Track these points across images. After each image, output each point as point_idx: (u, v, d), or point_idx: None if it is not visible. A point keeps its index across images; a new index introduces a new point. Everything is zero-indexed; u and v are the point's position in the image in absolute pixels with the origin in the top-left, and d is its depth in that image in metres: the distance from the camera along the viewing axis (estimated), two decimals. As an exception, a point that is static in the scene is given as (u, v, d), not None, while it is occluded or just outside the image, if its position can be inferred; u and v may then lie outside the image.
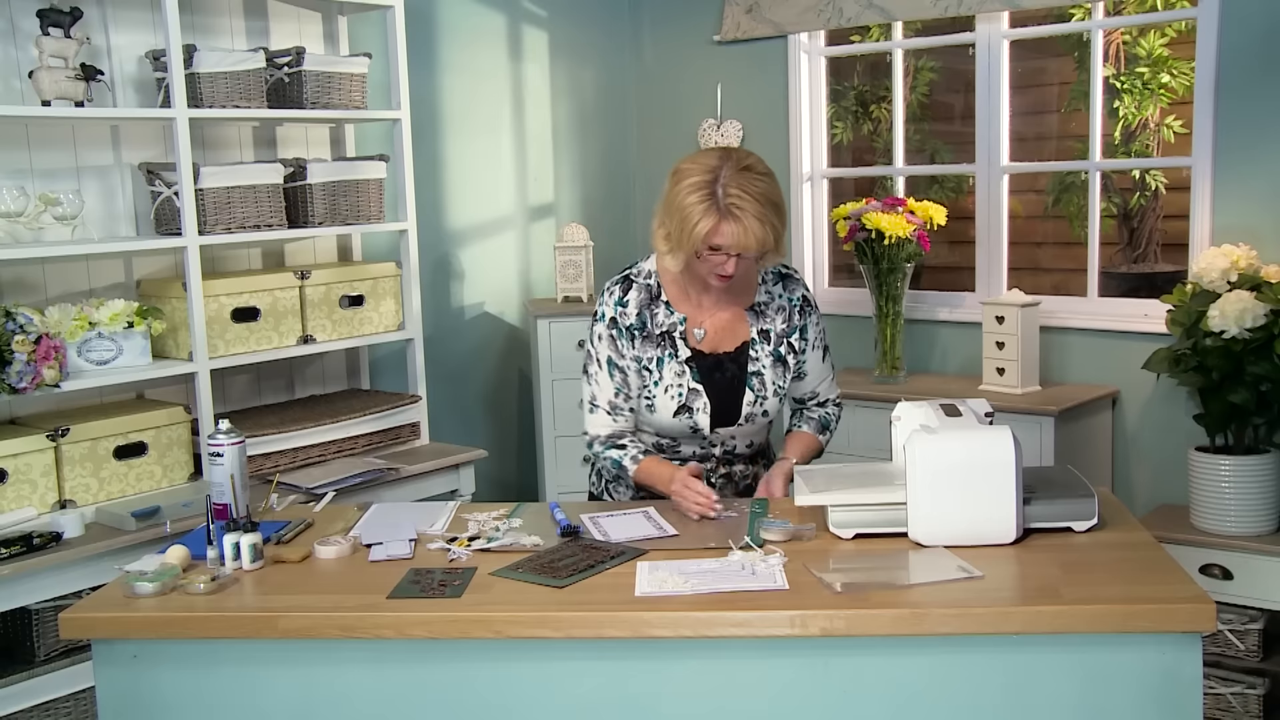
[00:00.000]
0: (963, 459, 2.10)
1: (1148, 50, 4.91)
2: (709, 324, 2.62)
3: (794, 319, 2.64)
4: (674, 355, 2.59)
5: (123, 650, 2.04)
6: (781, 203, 2.46)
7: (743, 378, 2.61)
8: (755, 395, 2.61)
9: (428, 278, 4.24)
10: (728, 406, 2.61)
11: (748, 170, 2.42)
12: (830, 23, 4.39)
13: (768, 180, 2.44)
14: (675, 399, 2.58)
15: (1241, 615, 3.35)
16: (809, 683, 1.92)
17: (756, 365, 2.61)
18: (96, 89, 3.19)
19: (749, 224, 2.38)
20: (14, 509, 2.96)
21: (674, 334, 2.60)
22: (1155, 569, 2.00)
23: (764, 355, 2.62)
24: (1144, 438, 3.90)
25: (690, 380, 2.59)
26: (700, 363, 2.60)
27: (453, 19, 4.37)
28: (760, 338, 2.63)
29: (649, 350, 2.60)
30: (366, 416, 3.64)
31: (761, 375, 2.61)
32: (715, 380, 2.60)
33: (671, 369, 2.59)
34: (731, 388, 2.61)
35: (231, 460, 2.39)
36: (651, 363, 2.60)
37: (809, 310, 2.67)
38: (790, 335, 2.64)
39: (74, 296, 3.30)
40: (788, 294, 2.65)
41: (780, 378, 2.63)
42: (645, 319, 2.60)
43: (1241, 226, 3.58)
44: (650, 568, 2.09)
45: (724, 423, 2.62)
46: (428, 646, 1.98)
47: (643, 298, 2.62)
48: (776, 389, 2.63)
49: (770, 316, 2.63)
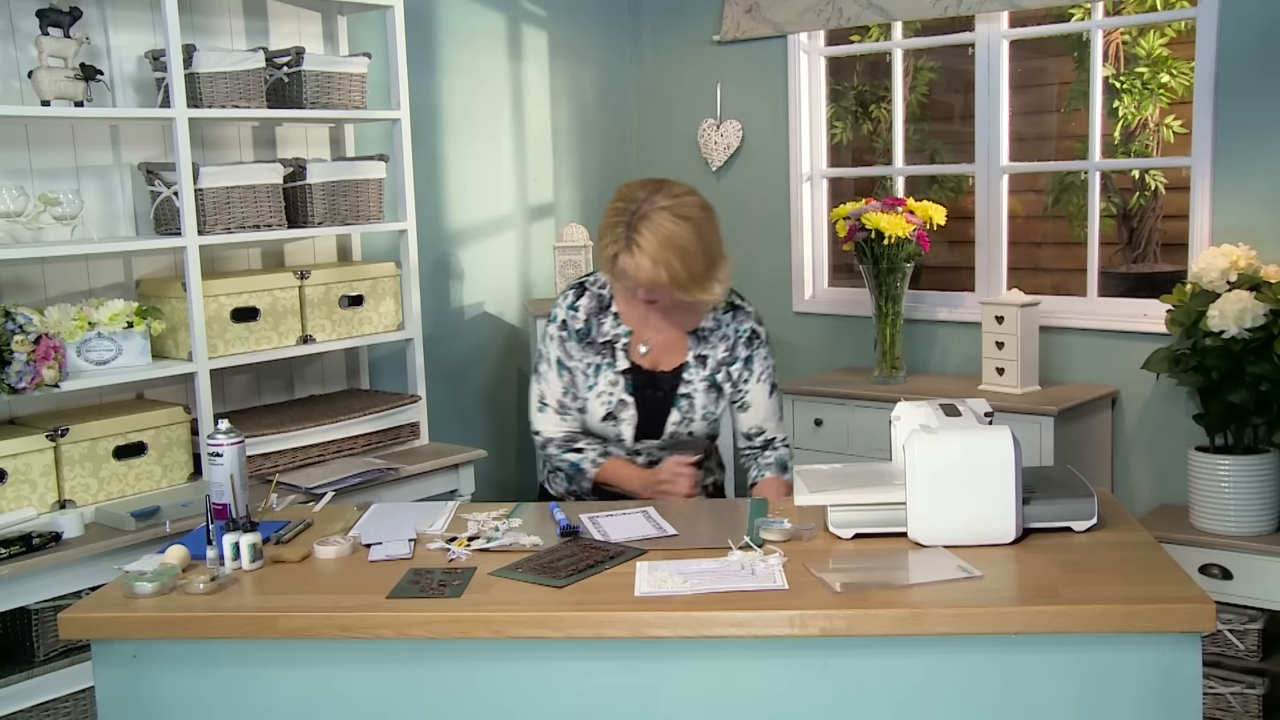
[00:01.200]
0: (962, 459, 2.10)
1: (1147, 50, 4.91)
2: (654, 341, 2.69)
3: (737, 349, 2.69)
4: (612, 365, 2.68)
5: (122, 650, 2.04)
6: (694, 248, 2.46)
7: (672, 397, 2.67)
8: (681, 415, 2.68)
9: (427, 278, 4.24)
10: (654, 422, 2.68)
11: (665, 210, 2.46)
12: (830, 23, 4.39)
13: (684, 225, 2.46)
14: (604, 406, 2.67)
15: (1241, 615, 3.35)
16: (808, 683, 1.92)
17: (688, 388, 2.68)
18: (96, 89, 3.19)
19: (641, 261, 2.45)
20: (13, 509, 2.96)
21: (616, 345, 2.68)
22: (1155, 569, 2.00)
23: (697, 379, 2.68)
24: (1144, 438, 3.90)
25: (621, 392, 2.67)
26: (636, 377, 2.68)
27: (453, 19, 4.37)
28: (696, 362, 2.68)
29: (590, 356, 2.69)
30: (366, 416, 3.64)
31: (691, 399, 2.67)
32: (646, 396, 2.68)
33: (607, 377, 2.67)
34: (660, 405, 2.67)
35: (231, 460, 2.39)
36: (590, 369, 2.68)
37: (757, 343, 2.71)
38: (730, 364, 2.69)
39: (74, 296, 3.30)
40: (735, 324, 2.70)
41: (712, 404, 2.69)
42: (591, 326, 2.70)
43: (1241, 226, 3.58)
44: (649, 567, 2.09)
45: (648, 434, 2.70)
46: (427, 646, 1.98)
47: (592, 305, 2.71)
48: (706, 414, 2.69)
49: (712, 343, 2.69)
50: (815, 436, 4.18)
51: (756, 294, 4.72)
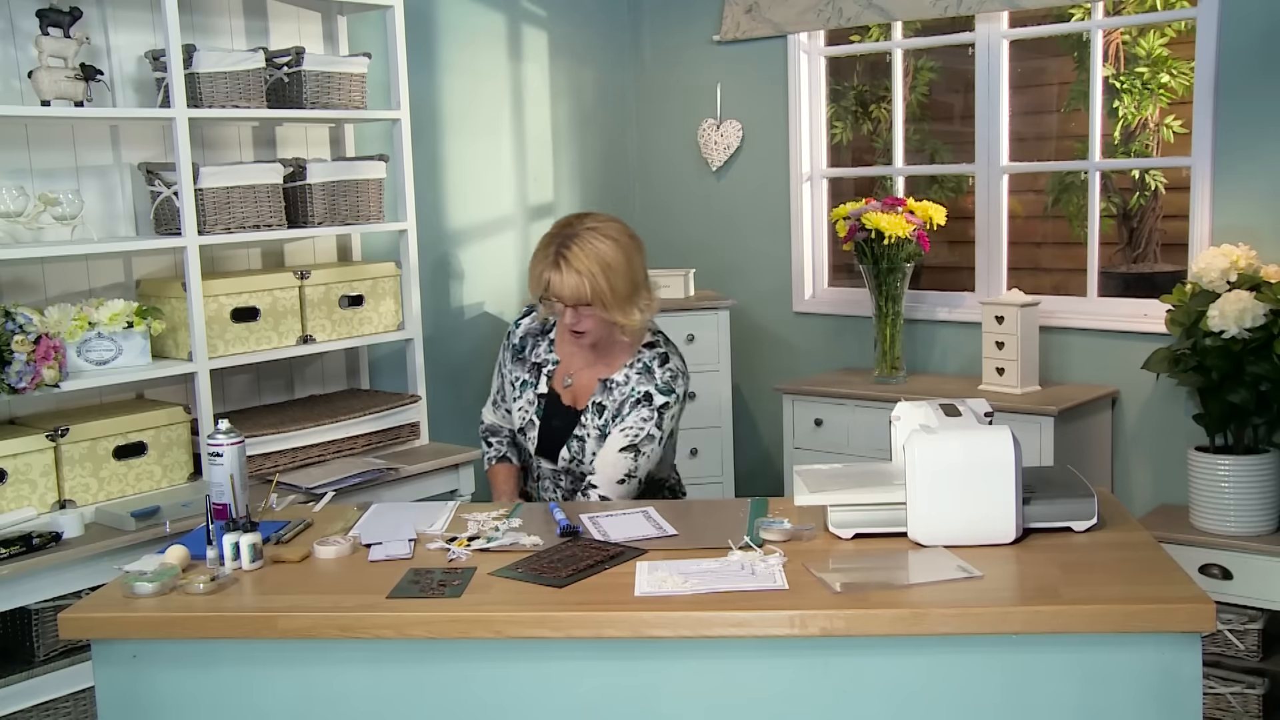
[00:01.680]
0: (962, 459, 2.10)
1: (1147, 50, 4.91)
2: (577, 378, 2.78)
3: (624, 408, 2.71)
4: (534, 387, 2.81)
5: (122, 650, 2.04)
6: (620, 267, 2.60)
7: (568, 434, 2.75)
8: (571, 455, 2.75)
9: (427, 278, 4.24)
10: (553, 450, 2.80)
11: (593, 231, 2.62)
12: (830, 23, 4.39)
13: (609, 244, 2.61)
14: (521, 419, 2.84)
15: (1241, 615, 3.35)
16: (808, 683, 1.92)
17: (581, 431, 2.74)
18: (96, 89, 3.19)
19: (566, 274, 2.58)
20: (13, 509, 2.96)
21: (542, 369, 2.82)
22: (1155, 569, 2.00)
23: (591, 426, 2.74)
24: (1144, 438, 3.90)
25: (533, 413, 2.82)
26: (549, 405, 2.79)
27: (453, 19, 4.37)
28: (594, 409, 2.74)
29: (520, 372, 2.87)
30: (366, 416, 3.64)
31: (584, 441, 2.74)
32: (552, 425, 2.80)
33: (527, 396, 2.84)
34: (560, 437, 2.78)
35: (231, 460, 2.39)
36: (518, 383, 2.86)
37: (644, 404, 2.69)
38: (616, 417, 2.72)
39: (73, 296, 3.30)
40: (636, 384, 2.72)
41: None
42: (526, 344, 2.88)
43: (1241, 226, 3.58)
44: (649, 567, 2.09)
45: (551, 456, 2.79)
46: (427, 646, 1.98)
47: (534, 327, 2.87)
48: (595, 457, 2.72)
49: (615, 396, 2.73)
50: (815, 436, 4.19)
51: (756, 294, 4.76)
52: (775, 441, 4.58)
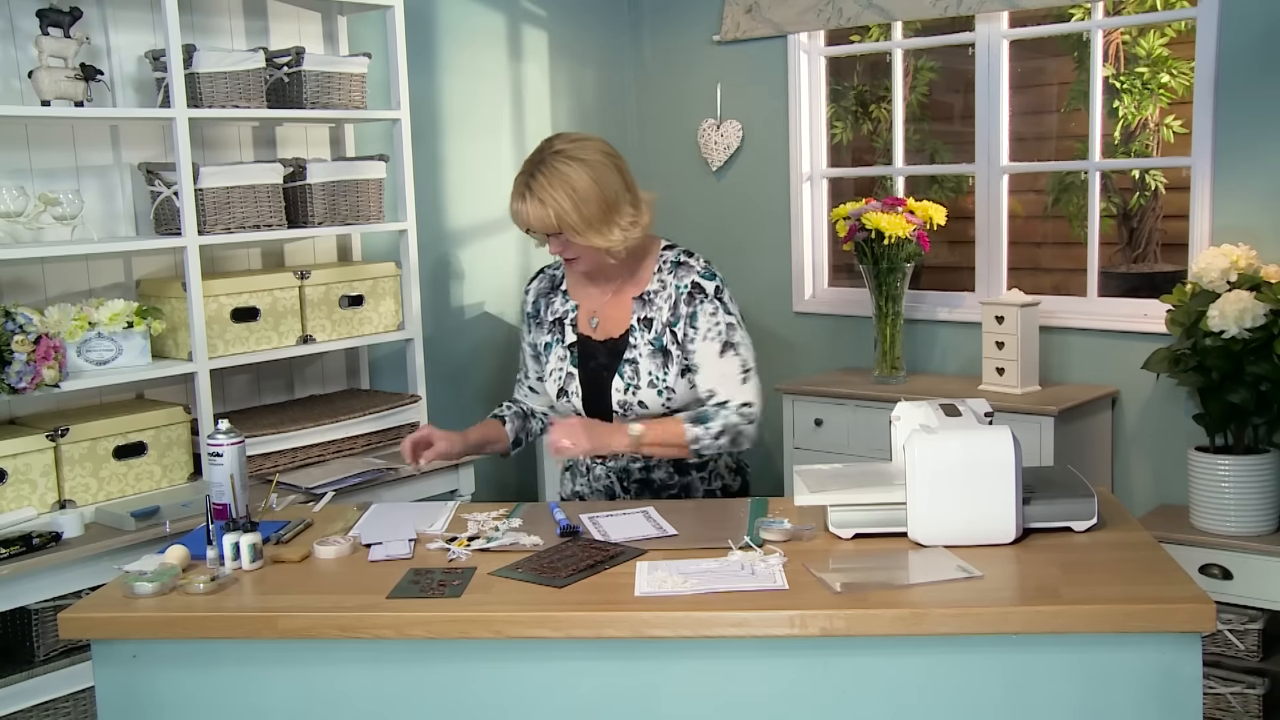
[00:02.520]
0: (962, 459, 2.10)
1: (1147, 50, 4.91)
2: (602, 312, 2.66)
3: (679, 307, 2.56)
4: (561, 341, 2.69)
5: (122, 650, 2.04)
6: (587, 189, 2.45)
7: (616, 365, 2.60)
8: (626, 383, 2.58)
9: (428, 278, 4.24)
10: (601, 393, 2.62)
11: (560, 154, 2.48)
12: (830, 23, 4.39)
13: (577, 166, 2.46)
14: (556, 382, 2.68)
15: (1241, 615, 3.35)
16: (808, 683, 1.92)
17: (632, 353, 2.58)
18: (96, 89, 3.19)
19: (531, 205, 2.46)
20: (13, 509, 2.96)
21: (564, 321, 2.69)
22: (1155, 569, 2.00)
23: (641, 344, 2.58)
24: (1144, 438, 3.90)
25: (569, 365, 2.67)
26: (583, 348, 2.66)
27: (453, 19, 4.37)
28: (641, 326, 2.59)
29: (542, 337, 2.73)
30: (366, 416, 3.64)
31: (636, 364, 2.58)
32: (591, 366, 2.64)
33: (557, 354, 2.69)
34: (605, 375, 2.62)
35: (231, 460, 2.39)
36: (544, 348, 2.71)
37: (699, 297, 2.56)
38: (675, 324, 2.57)
39: (74, 296, 3.30)
40: (676, 281, 2.59)
41: (660, 369, 2.57)
42: (540, 307, 2.75)
43: (1241, 226, 3.58)
44: (650, 567, 2.09)
45: (600, 409, 2.63)
46: (427, 646, 1.98)
47: (543, 286, 2.77)
48: (654, 379, 2.57)
49: (657, 305, 2.59)
50: (815, 436, 4.19)
51: (756, 294, 4.76)
52: (775, 441, 4.58)
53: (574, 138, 2.54)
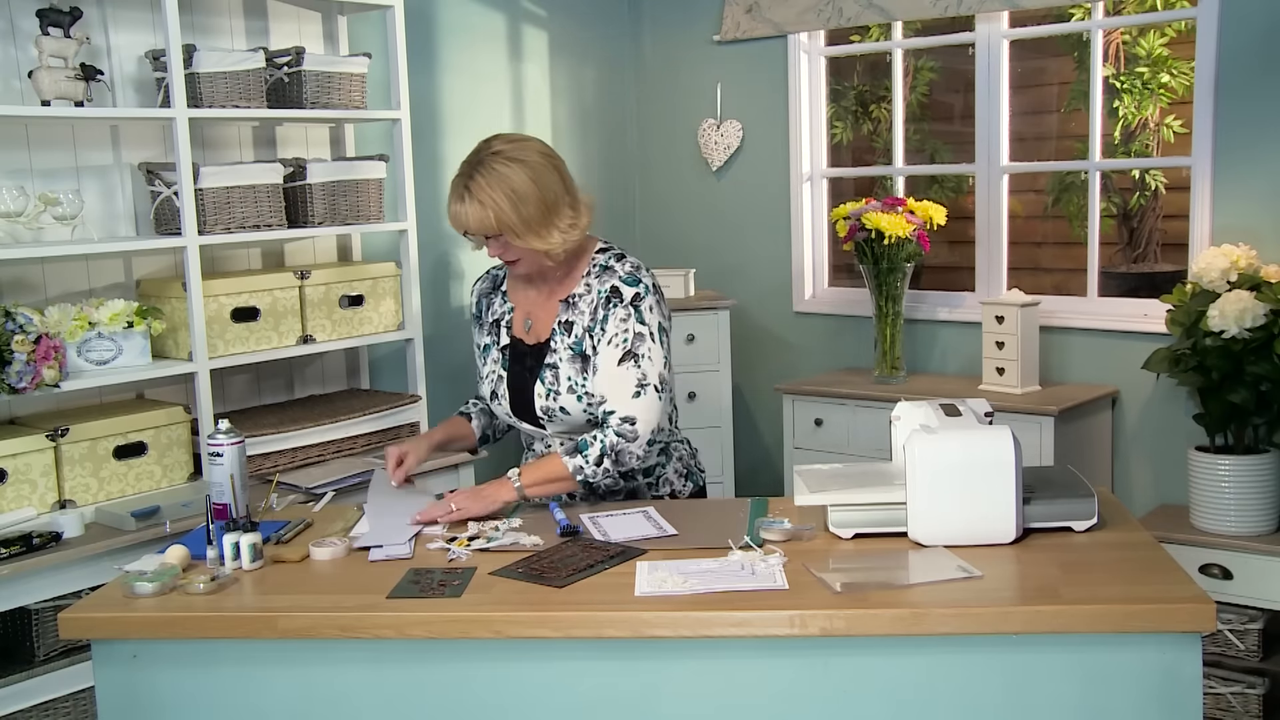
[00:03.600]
0: (962, 459, 2.10)
1: (1147, 50, 4.91)
2: (535, 315, 2.64)
3: (598, 311, 2.52)
4: (496, 343, 2.68)
5: (122, 650, 2.04)
6: (526, 190, 2.42)
7: (539, 369, 2.58)
8: (547, 389, 2.55)
9: (428, 278, 4.24)
10: (526, 398, 2.60)
11: (498, 155, 2.46)
12: (830, 23, 4.39)
13: (516, 168, 2.44)
14: (489, 384, 2.68)
15: (1241, 615, 3.35)
16: (809, 683, 1.92)
17: (553, 358, 2.55)
18: (96, 89, 3.19)
19: (470, 206, 2.44)
20: (14, 509, 2.96)
21: (501, 322, 2.69)
22: (1155, 569, 2.00)
23: (562, 348, 2.55)
24: (1144, 438, 3.90)
25: (499, 367, 2.66)
26: (514, 351, 2.64)
27: (453, 19, 4.37)
28: (562, 329, 2.56)
29: (483, 337, 2.73)
30: (366, 416, 3.64)
31: (556, 369, 2.54)
32: (516, 371, 2.63)
33: (493, 356, 2.68)
34: (530, 379, 2.60)
35: (231, 460, 2.39)
36: (482, 349, 2.71)
37: (615, 302, 2.51)
38: (592, 329, 2.53)
39: (74, 296, 3.30)
40: (600, 285, 2.54)
41: (579, 374, 2.53)
42: (482, 307, 2.75)
43: (1241, 226, 3.58)
44: (649, 567, 2.09)
45: (526, 413, 2.61)
46: (427, 646, 1.98)
47: (485, 287, 2.77)
48: (573, 385, 2.53)
49: (580, 309, 2.55)
50: (815, 436, 4.19)
51: (756, 294, 4.76)
52: (775, 441, 4.58)
53: (512, 138, 2.52)
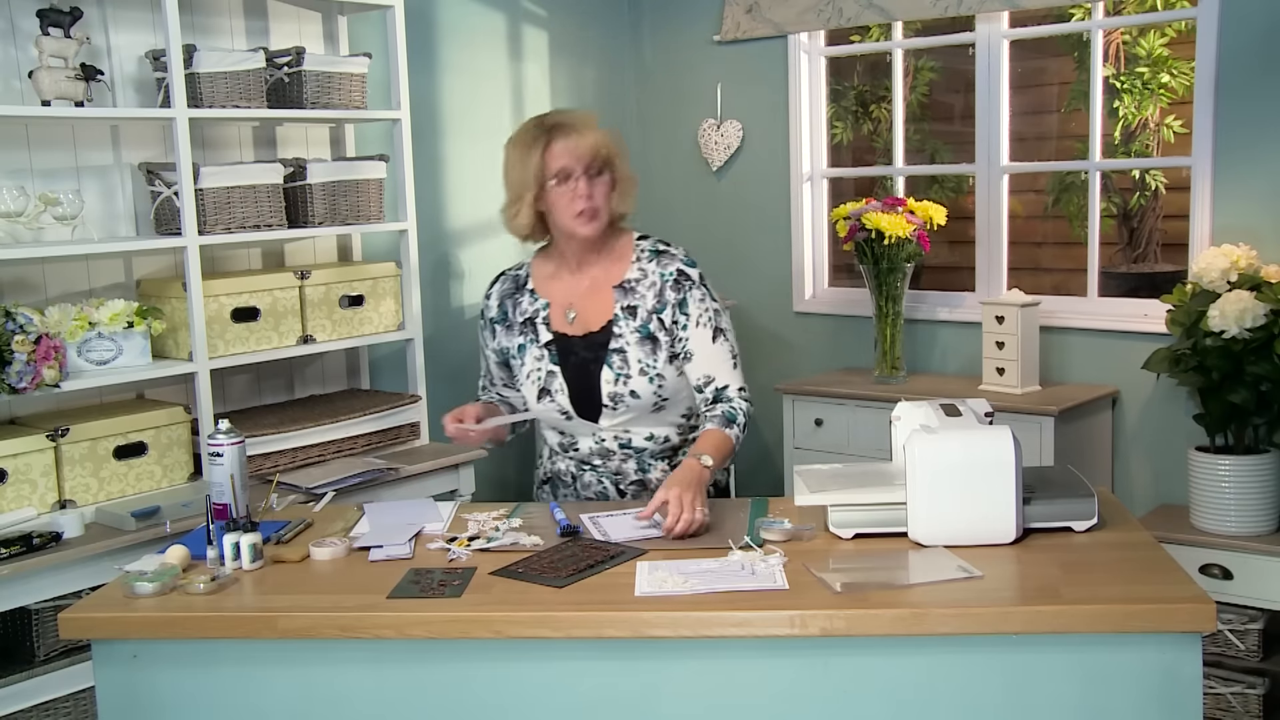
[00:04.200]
0: (963, 459, 2.10)
1: (1148, 50, 4.91)
2: (579, 305, 2.60)
3: (665, 294, 2.54)
4: (535, 340, 2.61)
5: (122, 650, 2.04)
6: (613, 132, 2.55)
7: (604, 356, 2.55)
8: (615, 373, 2.53)
9: (428, 278, 4.24)
10: (589, 387, 2.56)
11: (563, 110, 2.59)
12: (830, 23, 4.39)
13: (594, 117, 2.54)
14: (535, 384, 2.59)
15: (1241, 615, 3.35)
16: (809, 683, 1.92)
17: (619, 342, 2.53)
18: (96, 89, 3.19)
19: (580, 133, 2.47)
20: (14, 509, 2.96)
21: (536, 320, 2.62)
22: (1155, 569, 2.00)
23: (628, 332, 2.53)
24: (1144, 438, 3.90)
25: (548, 363, 2.59)
26: (561, 345, 2.59)
27: (453, 19, 4.37)
28: (625, 314, 2.54)
29: (513, 339, 2.65)
30: (366, 416, 3.64)
31: (624, 353, 2.53)
32: (572, 362, 2.58)
33: (532, 354, 2.61)
34: (592, 368, 2.56)
35: (231, 460, 2.39)
36: (516, 350, 2.64)
37: (686, 284, 2.55)
38: (661, 311, 2.53)
39: (74, 296, 3.30)
40: (660, 269, 2.56)
41: (649, 356, 2.52)
42: (507, 309, 2.68)
43: (1241, 226, 3.58)
44: (650, 568, 2.09)
45: (589, 404, 2.56)
46: (427, 646, 1.98)
47: (506, 288, 2.71)
48: (645, 368, 2.52)
49: (640, 293, 2.55)
50: (815, 436, 4.18)
51: (756, 294, 4.76)
52: (775, 441, 4.58)
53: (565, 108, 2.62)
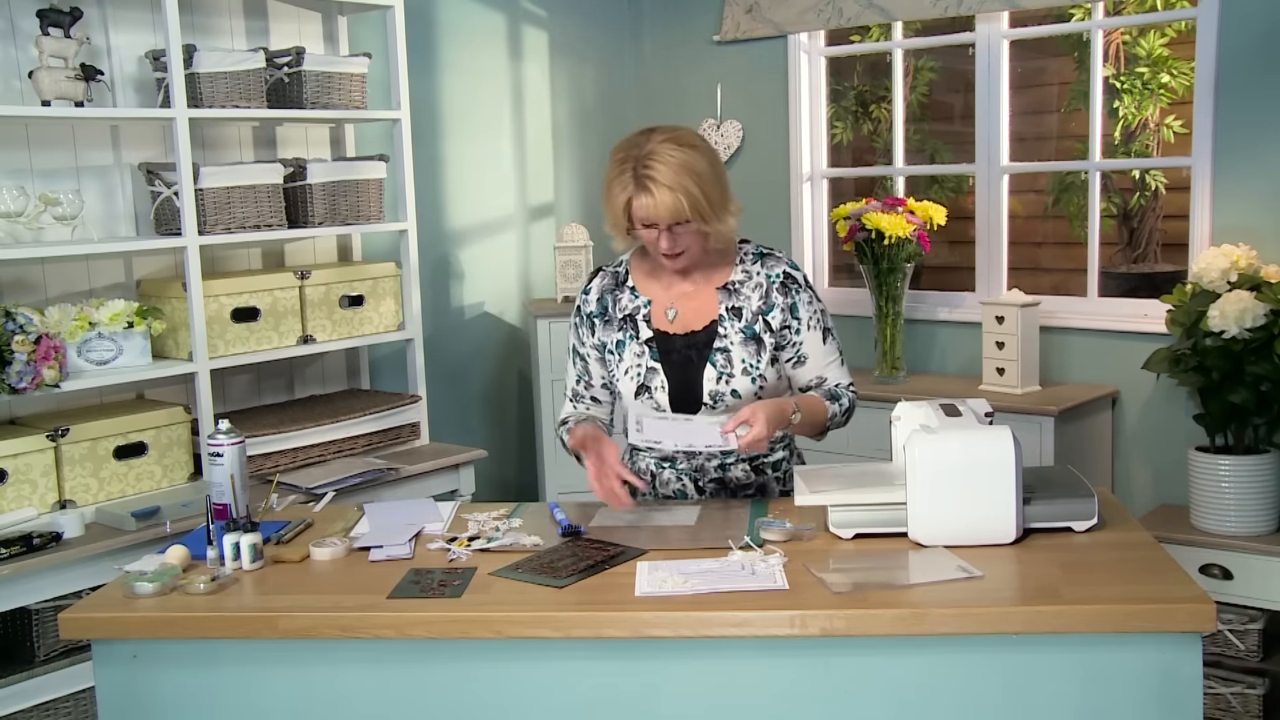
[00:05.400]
0: (963, 459, 2.10)
1: (1148, 50, 4.91)
2: (680, 305, 2.58)
3: (771, 296, 2.53)
4: (635, 337, 2.58)
5: (122, 650, 2.04)
6: (708, 172, 2.41)
7: (707, 355, 2.54)
8: (719, 372, 2.51)
9: (428, 278, 4.24)
10: (689, 385, 2.55)
11: (669, 142, 2.40)
12: (830, 23, 4.39)
13: (691, 152, 2.40)
14: (634, 380, 2.57)
15: (1241, 615, 3.35)
16: (809, 683, 1.92)
17: (723, 342, 2.52)
18: (96, 89, 3.19)
19: (659, 194, 2.37)
20: (14, 509, 2.96)
21: (636, 317, 2.59)
22: (1155, 569, 2.00)
23: (732, 332, 2.53)
24: (1144, 438, 3.90)
25: (649, 360, 2.56)
26: (662, 343, 2.57)
27: (453, 19, 4.37)
28: (730, 314, 2.54)
29: (612, 334, 2.61)
30: (366, 416, 3.64)
31: (728, 352, 2.52)
32: (674, 359, 2.56)
33: (632, 351, 2.58)
34: (693, 366, 2.55)
35: (231, 460, 2.39)
36: (615, 346, 2.60)
37: (794, 288, 2.54)
38: (767, 313, 2.53)
39: (74, 296, 3.30)
40: (766, 271, 2.55)
41: (753, 356, 2.52)
42: (607, 304, 2.62)
43: (1241, 226, 3.58)
44: (650, 568, 2.09)
45: (688, 401, 2.55)
46: (428, 646, 1.98)
47: (606, 284, 2.64)
48: (748, 368, 2.51)
49: (745, 295, 2.55)
50: (815, 436, 4.18)
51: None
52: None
53: (668, 127, 2.48)
